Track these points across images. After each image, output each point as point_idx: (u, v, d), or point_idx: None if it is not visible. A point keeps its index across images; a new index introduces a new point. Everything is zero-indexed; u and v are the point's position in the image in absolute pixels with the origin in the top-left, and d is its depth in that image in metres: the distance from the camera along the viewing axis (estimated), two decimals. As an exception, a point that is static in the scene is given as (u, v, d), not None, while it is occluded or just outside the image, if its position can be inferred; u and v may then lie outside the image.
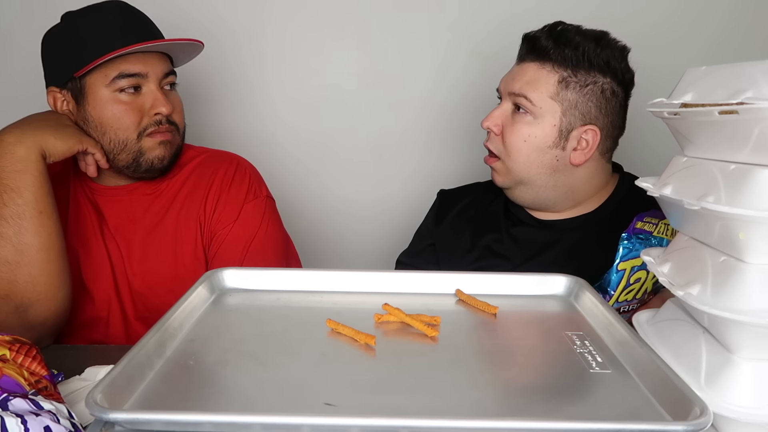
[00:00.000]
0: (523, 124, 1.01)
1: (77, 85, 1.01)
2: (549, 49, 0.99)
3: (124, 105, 1.00)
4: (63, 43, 1.02)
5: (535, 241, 1.07)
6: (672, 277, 0.66)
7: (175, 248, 1.07)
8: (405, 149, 1.54)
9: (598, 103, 1.00)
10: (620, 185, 1.07)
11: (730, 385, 0.56)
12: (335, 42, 1.49)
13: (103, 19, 1.01)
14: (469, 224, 1.13)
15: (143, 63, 1.00)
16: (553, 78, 0.99)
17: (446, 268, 1.06)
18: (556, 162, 1.01)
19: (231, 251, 1.07)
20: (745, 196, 0.54)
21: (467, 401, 0.56)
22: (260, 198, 1.12)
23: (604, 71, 0.99)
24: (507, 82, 1.05)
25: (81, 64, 0.98)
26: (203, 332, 0.69)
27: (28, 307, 0.92)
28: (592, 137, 1.00)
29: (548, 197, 1.05)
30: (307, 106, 1.51)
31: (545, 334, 0.71)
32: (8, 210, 0.91)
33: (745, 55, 1.46)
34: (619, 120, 1.04)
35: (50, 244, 0.93)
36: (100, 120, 1.01)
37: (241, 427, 0.50)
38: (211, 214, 1.08)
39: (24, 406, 0.53)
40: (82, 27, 1.01)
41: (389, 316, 0.72)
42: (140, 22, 1.04)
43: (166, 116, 1.03)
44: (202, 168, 1.11)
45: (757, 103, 0.52)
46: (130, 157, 1.02)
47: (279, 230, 1.14)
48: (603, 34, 1.01)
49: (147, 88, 1.02)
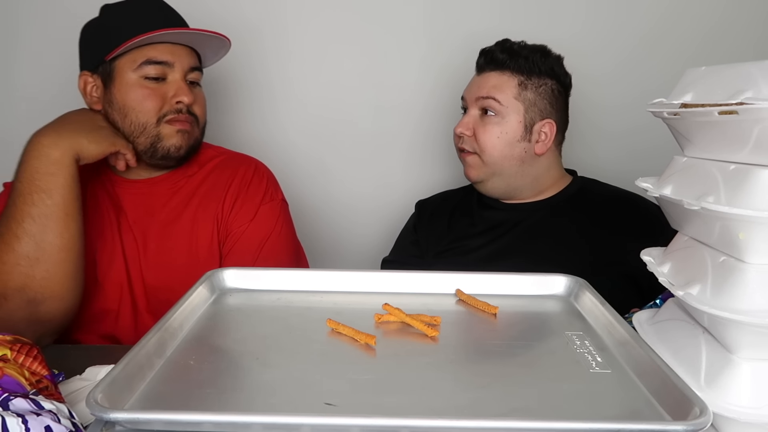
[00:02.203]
0: (493, 124, 1.17)
1: (107, 68, 1.05)
2: (505, 60, 1.17)
3: (147, 90, 1.04)
4: (98, 30, 1.08)
5: (504, 221, 1.22)
6: (672, 277, 0.66)
7: (190, 243, 1.09)
8: (406, 150, 1.54)
9: (551, 100, 1.18)
10: (575, 181, 1.25)
11: (730, 385, 0.56)
12: (337, 44, 1.49)
13: (137, 10, 1.07)
14: (444, 215, 1.29)
15: (171, 53, 1.05)
16: (513, 81, 1.16)
17: (429, 256, 1.23)
18: (524, 154, 1.18)
19: (245, 250, 1.10)
20: (745, 196, 0.54)
21: (467, 401, 0.56)
22: (276, 201, 1.16)
23: (550, 75, 1.18)
24: (472, 90, 1.20)
25: (111, 46, 1.03)
26: (203, 332, 0.69)
27: (40, 303, 0.94)
28: (550, 129, 1.18)
29: (517, 186, 1.21)
30: (307, 107, 1.51)
31: (545, 334, 0.71)
32: (36, 209, 0.93)
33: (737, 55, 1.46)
34: (565, 116, 1.23)
35: (72, 245, 0.96)
36: (123, 102, 1.04)
37: (241, 427, 0.50)
38: (228, 212, 1.11)
39: (25, 405, 0.53)
40: (116, 15, 1.07)
41: (389, 316, 0.72)
42: (171, 15, 1.09)
43: (186, 106, 1.07)
44: (222, 168, 1.15)
45: (757, 103, 0.52)
46: (148, 141, 1.06)
47: (291, 233, 1.18)
48: (543, 47, 1.19)
49: (172, 77, 1.06)
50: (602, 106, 1.50)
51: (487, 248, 1.18)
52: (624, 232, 1.12)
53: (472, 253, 1.19)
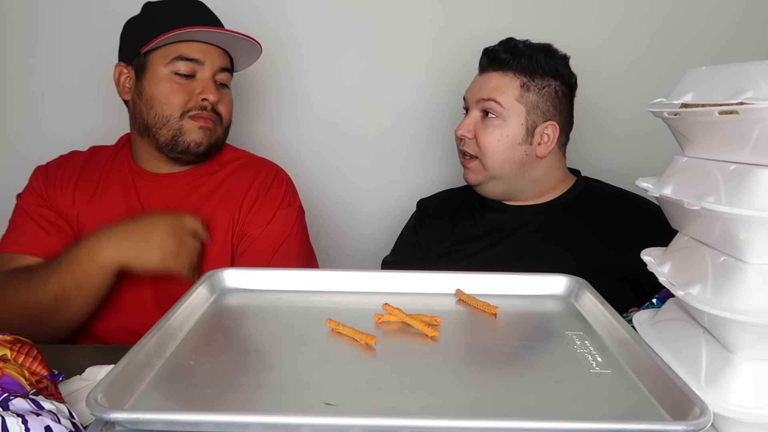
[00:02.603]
0: (494, 127, 1.15)
1: (141, 60, 1.09)
2: (508, 60, 1.14)
3: (176, 84, 1.08)
4: (137, 25, 1.12)
5: (506, 223, 1.20)
6: (672, 277, 0.66)
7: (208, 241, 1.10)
8: (407, 150, 1.54)
9: (554, 102, 1.16)
10: (578, 182, 1.23)
11: (730, 385, 0.56)
12: (334, 43, 1.49)
13: (177, 7, 1.11)
14: (447, 216, 1.27)
15: (203, 52, 1.09)
16: (515, 83, 1.14)
17: (430, 257, 1.22)
18: (525, 156, 1.16)
19: (260, 251, 1.11)
20: (745, 196, 0.54)
21: (467, 401, 0.56)
22: (294, 207, 1.18)
23: (554, 76, 1.15)
24: (474, 91, 1.18)
25: (146, 40, 1.06)
26: (203, 332, 0.69)
27: (45, 323, 0.98)
28: (553, 131, 1.16)
29: (516, 188, 1.19)
30: (305, 107, 1.51)
31: (545, 334, 0.71)
32: (67, 286, 0.97)
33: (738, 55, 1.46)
34: (569, 117, 1.20)
35: (92, 308, 1.01)
36: (151, 94, 1.08)
37: (241, 427, 0.50)
38: (246, 214, 1.13)
39: (25, 405, 0.53)
40: (156, 12, 1.11)
41: (389, 316, 0.72)
42: (210, 16, 1.13)
43: (212, 104, 1.09)
44: (243, 170, 1.17)
45: (757, 103, 0.52)
46: (170, 134, 1.08)
47: (306, 240, 1.20)
48: (548, 46, 1.17)
49: (201, 75, 1.09)
50: (610, 108, 1.49)
51: (489, 252, 1.17)
52: (628, 235, 1.10)
53: (474, 257, 1.18)
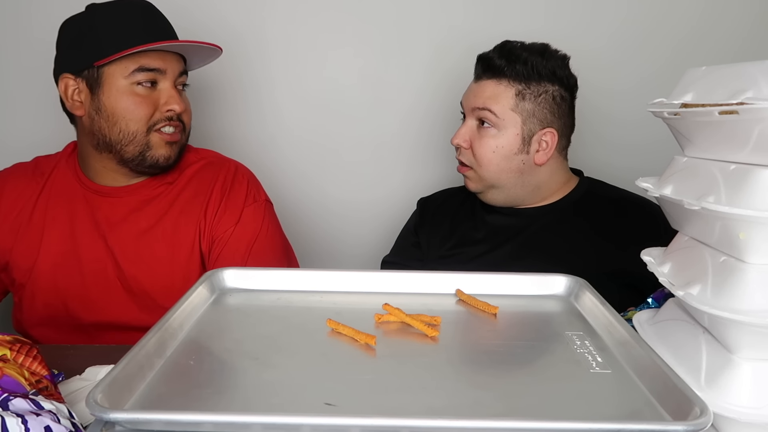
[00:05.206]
0: (489, 137, 1.12)
1: (94, 74, 1.03)
2: (503, 67, 1.11)
3: (139, 97, 1.03)
4: (85, 32, 1.04)
5: (508, 226, 1.18)
6: (672, 277, 0.66)
7: (172, 251, 1.08)
8: (404, 150, 1.54)
9: (551, 108, 1.12)
10: (581, 183, 1.20)
11: (730, 385, 0.56)
12: (334, 43, 1.49)
13: (128, 14, 1.04)
14: (447, 216, 1.25)
15: (163, 60, 1.04)
16: (510, 92, 1.11)
17: (430, 259, 1.20)
18: (522, 165, 1.13)
19: (233, 253, 1.09)
20: (745, 196, 0.54)
21: (467, 401, 0.56)
22: (259, 202, 1.14)
23: (552, 80, 1.11)
24: (469, 98, 1.16)
25: (104, 54, 1.01)
26: (203, 332, 0.69)
27: None
28: (551, 138, 1.13)
29: (517, 195, 1.17)
30: (305, 108, 1.51)
31: (545, 334, 0.71)
32: None
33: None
34: (570, 120, 1.16)
35: None
36: (113, 110, 1.03)
37: (241, 427, 0.50)
38: (212, 219, 1.10)
39: (24, 405, 0.53)
40: (107, 19, 1.03)
41: (389, 316, 0.72)
42: (162, 21, 1.08)
43: (177, 114, 1.06)
44: (202, 174, 1.14)
45: (757, 103, 0.52)
46: (137, 150, 1.05)
47: (279, 233, 1.17)
48: (545, 47, 1.13)
49: (163, 85, 1.05)
50: (618, 118, 1.48)
51: (491, 255, 1.15)
52: (630, 236, 1.09)
53: (474, 260, 1.16)
